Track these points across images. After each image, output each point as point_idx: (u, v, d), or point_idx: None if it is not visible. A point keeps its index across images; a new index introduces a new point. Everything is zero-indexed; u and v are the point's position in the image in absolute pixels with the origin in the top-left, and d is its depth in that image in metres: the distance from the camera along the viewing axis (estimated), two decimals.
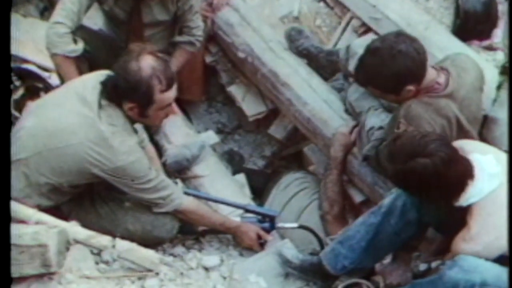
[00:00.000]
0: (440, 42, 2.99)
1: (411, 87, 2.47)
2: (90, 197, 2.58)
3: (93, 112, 2.36)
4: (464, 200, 2.15)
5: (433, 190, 2.13)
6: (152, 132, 3.08)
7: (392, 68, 2.43)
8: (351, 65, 2.95)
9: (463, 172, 2.14)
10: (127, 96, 2.36)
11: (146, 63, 2.32)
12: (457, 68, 2.55)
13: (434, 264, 2.42)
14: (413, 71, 2.44)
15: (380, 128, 2.77)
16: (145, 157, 2.45)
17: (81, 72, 2.82)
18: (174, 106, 3.07)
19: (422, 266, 2.45)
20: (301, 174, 3.36)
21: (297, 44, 3.28)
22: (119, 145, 2.36)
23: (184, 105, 3.48)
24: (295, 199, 3.22)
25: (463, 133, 2.48)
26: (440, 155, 2.09)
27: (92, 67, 2.84)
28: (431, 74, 2.50)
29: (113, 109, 2.39)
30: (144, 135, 2.74)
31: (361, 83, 2.64)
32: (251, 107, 3.49)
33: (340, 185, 2.94)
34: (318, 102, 3.12)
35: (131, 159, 2.38)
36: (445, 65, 2.57)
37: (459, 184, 2.14)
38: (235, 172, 3.36)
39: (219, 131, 3.71)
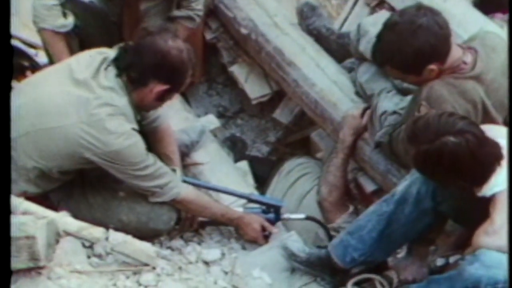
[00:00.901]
0: (460, 15, 2.95)
1: (433, 67, 2.43)
2: (81, 185, 2.58)
3: (89, 92, 2.35)
4: (488, 188, 2.13)
5: (461, 174, 2.09)
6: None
7: (412, 45, 2.39)
8: (362, 45, 2.94)
9: (495, 155, 2.10)
10: (161, 76, 2.38)
11: (184, 46, 2.38)
12: (486, 48, 2.50)
13: (452, 259, 2.42)
14: (436, 48, 2.40)
15: (394, 113, 2.75)
16: (142, 142, 2.45)
17: (71, 50, 2.81)
18: None
19: (440, 261, 2.45)
20: (304, 159, 3.38)
21: (308, 22, 3.26)
22: (115, 128, 2.36)
23: None
24: (297, 185, 3.24)
25: (488, 120, 2.44)
26: (474, 132, 2.06)
27: (82, 45, 2.82)
28: (456, 52, 2.45)
29: (117, 91, 2.39)
30: (160, 110, 2.70)
31: (379, 63, 2.61)
32: (255, 89, 3.48)
33: (344, 170, 2.93)
34: (327, 83, 3.11)
35: (127, 143, 2.38)
36: (473, 44, 2.52)
37: (490, 168, 2.10)
38: (237, 159, 3.36)
39: (220, 115, 3.70)
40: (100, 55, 2.44)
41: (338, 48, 3.22)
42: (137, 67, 2.39)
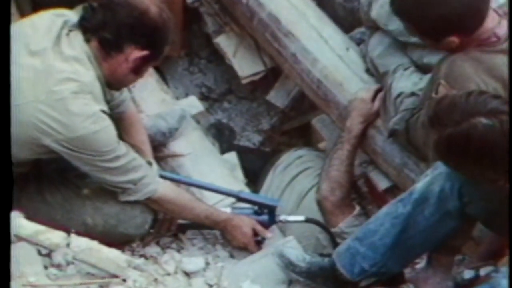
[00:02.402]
0: None
1: (455, 39, 2.43)
2: (38, 180, 2.56)
3: (48, 64, 2.32)
4: None
5: (493, 163, 2.07)
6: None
7: (437, 9, 2.39)
8: (375, 10, 2.93)
9: None
10: (139, 39, 2.37)
11: (163, 7, 2.38)
12: None
13: (483, 271, 2.40)
14: (464, 20, 2.40)
15: (412, 94, 2.75)
16: (113, 127, 2.44)
17: (22, 13, 2.79)
18: None
19: (468, 274, 2.43)
20: (304, 151, 3.39)
21: None
22: (80, 109, 2.33)
23: None
24: (296, 181, 3.25)
25: None
26: (509, 113, 2.03)
27: (35, 7, 2.82)
28: (490, 22, 2.44)
29: (83, 61, 2.37)
30: (126, 93, 2.72)
31: (396, 13, 2.58)
32: (245, 66, 3.47)
33: (350, 164, 2.93)
34: (332, 58, 3.11)
35: (94, 128, 2.36)
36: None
37: None
38: (224, 150, 3.36)
39: (203, 97, 3.69)
40: (60, 17, 2.41)
41: (345, 14, 3.22)
42: (110, 27, 2.36)
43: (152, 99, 3.17)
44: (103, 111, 2.40)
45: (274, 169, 3.35)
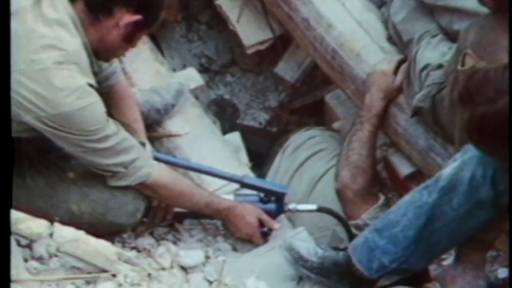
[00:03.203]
0: None
1: None
2: (17, 162, 2.51)
3: (27, 28, 2.30)
4: None
5: None
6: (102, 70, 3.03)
7: None
8: None
9: None
10: (132, 2, 2.37)
11: None
12: None
13: None
14: None
15: (440, 66, 2.75)
16: (101, 103, 2.43)
17: None
18: None
19: (502, 272, 2.45)
20: (317, 131, 3.41)
21: None
22: (64, 81, 2.32)
23: None
24: (307, 165, 3.27)
25: None
26: None
27: None
28: None
29: (68, 26, 2.35)
30: (116, 65, 2.71)
31: None
32: (250, 33, 3.47)
33: (371, 147, 2.94)
34: (349, 24, 3.11)
35: (81, 104, 2.35)
36: None
37: None
38: (226, 130, 3.37)
39: (203, 69, 3.69)
40: None
41: None
42: None
43: (145, 71, 3.17)
44: (90, 85, 2.39)
45: (283, 151, 3.36)
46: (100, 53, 2.49)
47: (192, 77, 3.28)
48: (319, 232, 2.99)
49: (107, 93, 2.70)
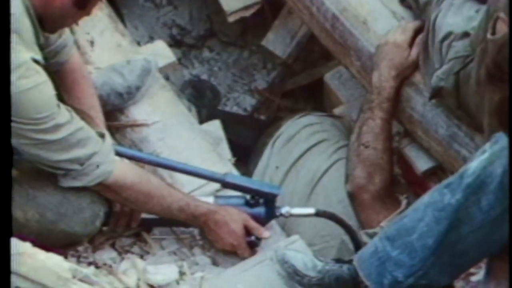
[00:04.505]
0: None
1: None
2: None
3: None
4: None
5: None
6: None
7: None
8: None
9: None
10: None
11: None
12: None
13: None
14: None
15: (465, 35, 2.75)
16: (50, 84, 2.42)
17: None
18: None
19: None
20: (314, 118, 3.41)
21: None
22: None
23: None
24: (305, 160, 3.27)
25: None
26: None
27: None
28: None
29: None
30: (67, 36, 2.69)
31: None
32: None
33: (387, 138, 2.96)
34: None
35: (25, 85, 2.35)
36: None
37: None
38: (204, 118, 3.37)
39: (175, 42, 3.70)
40: None
41: None
42: None
43: (103, 44, 3.16)
44: (36, 61, 2.38)
45: (273, 142, 3.36)
46: (47, 22, 2.48)
47: (161, 52, 3.28)
48: (323, 241, 3.01)
49: (57, 72, 2.69)
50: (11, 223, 2.01)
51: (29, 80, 2.34)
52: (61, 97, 2.50)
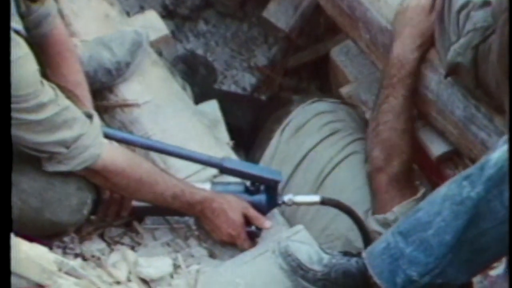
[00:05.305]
0: None
1: None
2: None
3: None
4: None
5: None
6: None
7: None
8: None
9: None
10: None
11: None
12: None
13: None
14: None
15: (485, 3, 2.74)
16: (32, 58, 2.42)
17: None
18: None
19: None
20: (328, 105, 3.40)
21: None
22: None
23: None
24: (316, 152, 3.27)
25: None
26: None
27: None
28: None
29: None
30: (50, 4, 2.69)
31: None
32: None
33: (409, 119, 2.97)
34: None
35: None
36: None
37: None
38: (199, 97, 3.36)
39: (168, 13, 3.70)
40: None
41: None
42: None
43: (89, 14, 3.15)
44: (16, 32, 2.37)
45: (282, 130, 3.35)
46: None
47: (152, 24, 3.28)
48: (326, 241, 2.99)
49: (39, 44, 2.68)
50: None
51: (13, 52, 2.31)
52: (44, 73, 2.49)
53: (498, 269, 2.56)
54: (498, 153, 2.37)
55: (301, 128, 3.33)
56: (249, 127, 3.48)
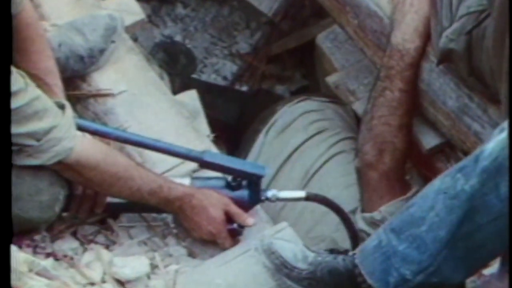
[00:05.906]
0: None
1: None
2: None
3: None
4: None
5: None
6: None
7: None
8: None
9: None
10: None
11: None
12: None
13: None
14: None
15: None
16: None
17: None
18: None
19: None
20: (315, 104, 3.42)
21: None
22: None
23: None
24: (301, 152, 3.29)
25: None
26: None
27: None
28: None
29: None
30: None
31: None
32: None
33: (406, 114, 2.98)
34: None
35: None
36: None
37: None
38: (178, 87, 3.40)
39: None
40: None
41: None
42: None
43: None
44: None
45: (266, 130, 3.36)
46: None
47: (128, 7, 3.26)
48: (311, 243, 2.99)
49: None
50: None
51: None
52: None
53: (492, 267, 2.56)
54: (493, 144, 2.37)
55: (287, 127, 3.35)
56: (233, 122, 3.49)
